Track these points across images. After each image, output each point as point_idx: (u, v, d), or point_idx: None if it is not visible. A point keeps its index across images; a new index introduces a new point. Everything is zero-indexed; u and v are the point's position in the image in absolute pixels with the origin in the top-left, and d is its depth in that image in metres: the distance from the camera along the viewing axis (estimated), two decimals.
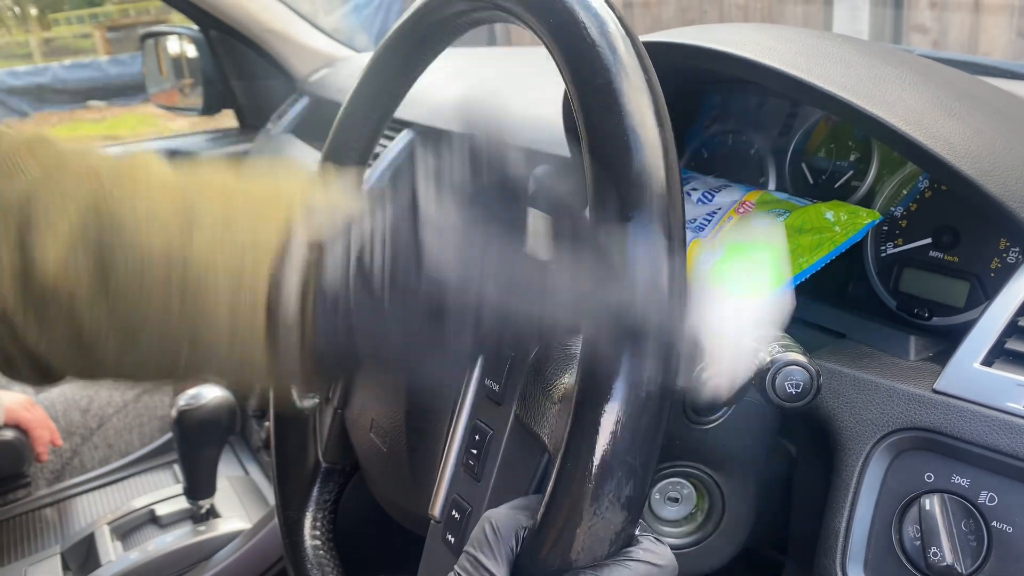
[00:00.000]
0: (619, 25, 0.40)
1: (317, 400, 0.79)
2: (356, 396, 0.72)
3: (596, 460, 0.35)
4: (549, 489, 0.38)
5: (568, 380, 0.49)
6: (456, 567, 0.39)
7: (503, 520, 0.39)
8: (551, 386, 0.49)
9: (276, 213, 0.37)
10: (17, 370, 0.41)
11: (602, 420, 0.35)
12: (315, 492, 0.78)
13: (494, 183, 0.35)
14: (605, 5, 0.40)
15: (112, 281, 0.37)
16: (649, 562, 0.37)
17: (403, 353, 0.36)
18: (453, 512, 0.55)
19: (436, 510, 0.57)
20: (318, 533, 0.77)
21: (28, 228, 0.37)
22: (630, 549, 0.38)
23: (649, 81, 0.38)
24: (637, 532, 0.39)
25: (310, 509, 0.78)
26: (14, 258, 0.37)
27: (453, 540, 0.55)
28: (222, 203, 0.37)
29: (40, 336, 0.38)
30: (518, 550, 0.39)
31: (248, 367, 0.38)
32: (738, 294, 0.40)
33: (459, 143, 0.36)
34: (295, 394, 0.38)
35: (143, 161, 0.40)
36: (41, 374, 0.41)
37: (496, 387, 0.54)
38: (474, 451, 0.54)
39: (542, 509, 0.38)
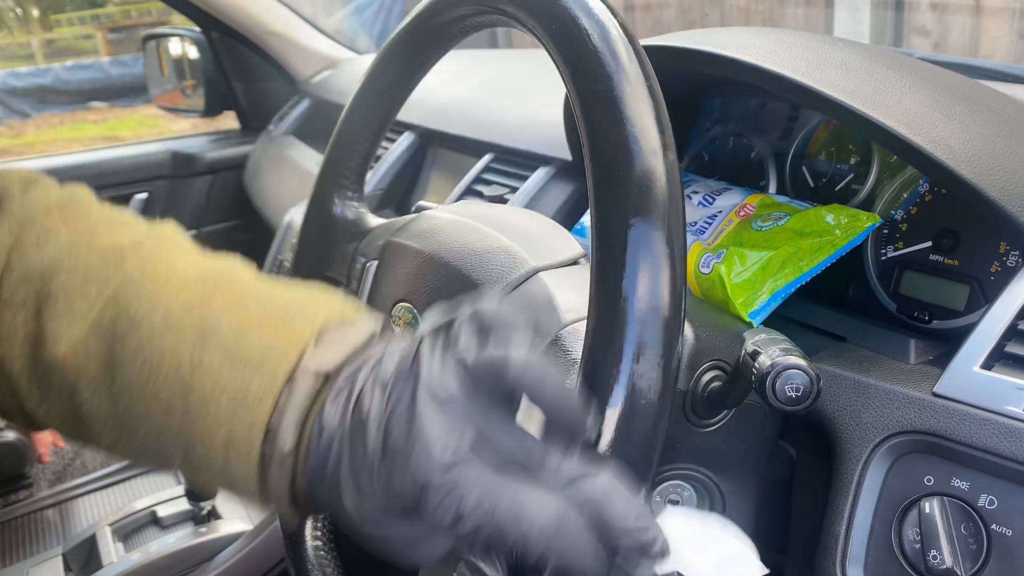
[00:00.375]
0: (621, 31, 0.40)
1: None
2: None
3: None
4: None
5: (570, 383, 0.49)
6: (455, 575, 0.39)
7: None
8: None
9: (290, 332, 0.37)
10: (12, 419, 0.42)
11: (603, 422, 0.35)
12: None
13: (496, 362, 0.34)
14: (607, 10, 0.40)
15: (119, 375, 0.37)
16: None
17: (383, 515, 0.34)
18: None
19: None
20: (319, 535, 0.77)
21: (47, 301, 0.37)
22: None
23: (650, 87, 0.39)
24: None
25: None
26: (29, 326, 0.38)
27: None
28: (238, 313, 0.37)
29: (40, 403, 0.39)
30: (518, 553, 0.38)
31: (237, 484, 0.37)
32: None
33: (470, 313, 0.35)
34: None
35: (167, 242, 0.40)
36: (35, 427, 0.42)
37: None
38: None
39: None
